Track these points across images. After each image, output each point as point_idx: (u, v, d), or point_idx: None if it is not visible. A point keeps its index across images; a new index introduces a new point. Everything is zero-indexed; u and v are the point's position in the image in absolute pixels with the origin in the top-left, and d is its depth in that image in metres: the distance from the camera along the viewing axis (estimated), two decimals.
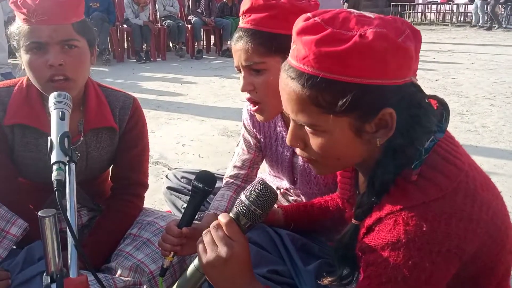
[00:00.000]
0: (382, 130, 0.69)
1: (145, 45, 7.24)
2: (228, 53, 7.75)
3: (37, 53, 1.09)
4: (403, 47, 0.65)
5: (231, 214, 0.79)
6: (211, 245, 0.76)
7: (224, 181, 1.44)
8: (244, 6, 1.07)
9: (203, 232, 0.80)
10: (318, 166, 0.78)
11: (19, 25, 1.10)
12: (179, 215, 1.61)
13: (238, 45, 1.06)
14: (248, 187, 0.81)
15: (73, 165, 0.83)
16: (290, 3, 1.04)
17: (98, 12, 6.50)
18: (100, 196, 1.40)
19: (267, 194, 0.78)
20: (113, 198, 1.35)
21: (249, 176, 1.43)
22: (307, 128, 0.73)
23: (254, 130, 1.36)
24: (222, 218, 0.78)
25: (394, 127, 0.68)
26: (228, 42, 7.86)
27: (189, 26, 7.66)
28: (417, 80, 0.70)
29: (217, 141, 3.25)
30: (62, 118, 0.89)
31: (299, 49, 0.68)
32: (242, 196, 0.79)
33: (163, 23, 7.47)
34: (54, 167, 0.78)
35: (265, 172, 1.53)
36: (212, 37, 8.47)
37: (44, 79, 1.09)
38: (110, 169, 1.39)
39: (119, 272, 1.16)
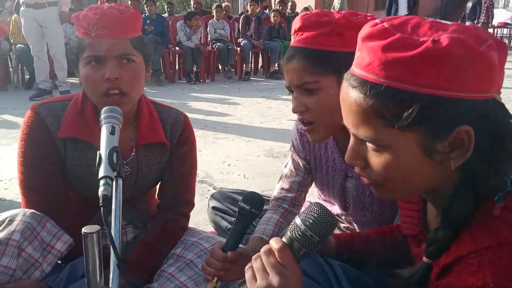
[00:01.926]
0: (457, 151, 0.61)
1: (195, 66, 7.44)
2: (275, 75, 7.81)
3: (95, 67, 1.10)
4: (485, 56, 0.57)
5: (283, 239, 0.73)
6: (262, 273, 0.70)
7: (271, 204, 1.37)
8: (295, 24, 1.03)
9: (253, 258, 0.74)
10: (380, 189, 0.70)
11: (78, 39, 1.13)
12: (223, 237, 1.57)
13: (289, 64, 1.01)
14: (304, 210, 0.74)
15: (120, 181, 0.81)
16: (346, 18, 0.98)
17: (153, 34, 6.79)
18: (147, 213, 1.39)
19: (325, 219, 0.71)
20: (159, 216, 1.33)
21: (297, 199, 1.36)
22: (368, 145, 0.66)
23: (304, 151, 1.30)
24: (275, 243, 0.71)
25: (471, 148, 0.60)
26: (276, 65, 7.93)
27: (238, 48, 7.81)
28: (501, 98, 0.62)
29: (262, 162, 3.21)
30: (112, 132, 0.88)
31: (364, 56, 0.63)
32: (298, 220, 0.72)
33: (214, 45, 7.66)
34: (101, 182, 0.77)
35: (314, 195, 1.46)
36: (260, 59, 8.57)
37: (100, 92, 1.10)
38: (158, 186, 1.38)
39: None
